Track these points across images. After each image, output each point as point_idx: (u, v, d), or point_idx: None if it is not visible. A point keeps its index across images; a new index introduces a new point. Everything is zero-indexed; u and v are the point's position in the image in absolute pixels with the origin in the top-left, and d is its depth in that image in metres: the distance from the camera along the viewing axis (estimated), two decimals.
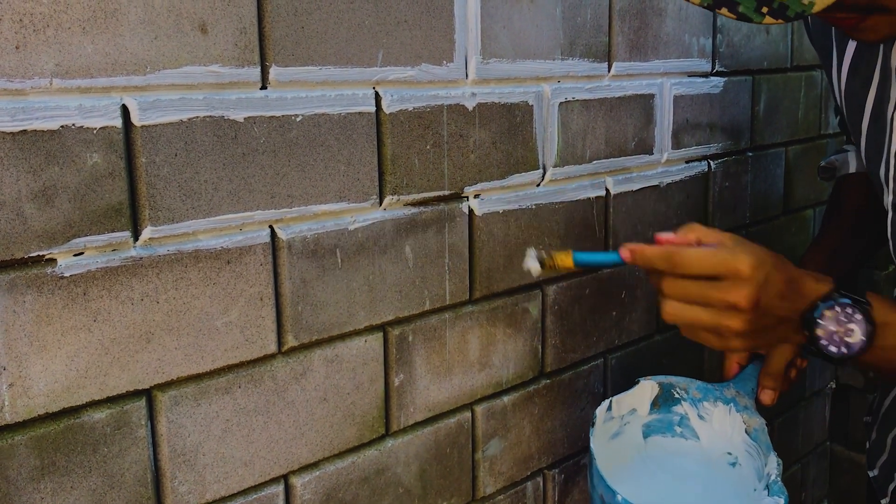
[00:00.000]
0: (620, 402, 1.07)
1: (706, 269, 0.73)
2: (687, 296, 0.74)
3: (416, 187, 0.90)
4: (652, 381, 1.09)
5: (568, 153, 1.07)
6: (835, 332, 0.78)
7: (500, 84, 0.98)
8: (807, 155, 1.59)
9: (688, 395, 1.11)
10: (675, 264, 0.74)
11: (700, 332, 0.76)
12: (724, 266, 0.72)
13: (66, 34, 0.64)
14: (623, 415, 1.08)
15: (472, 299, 0.99)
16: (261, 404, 0.80)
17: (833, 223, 1.16)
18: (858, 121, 0.96)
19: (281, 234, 0.79)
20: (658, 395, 1.10)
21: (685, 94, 1.25)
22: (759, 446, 1.03)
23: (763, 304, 0.74)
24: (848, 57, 0.97)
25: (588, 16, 1.07)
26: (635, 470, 1.06)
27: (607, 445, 1.04)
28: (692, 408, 1.11)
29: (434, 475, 0.98)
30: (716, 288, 0.73)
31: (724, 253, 0.73)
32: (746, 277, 0.72)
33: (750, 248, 0.74)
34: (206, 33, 0.72)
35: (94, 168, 0.66)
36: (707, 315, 0.74)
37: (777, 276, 0.75)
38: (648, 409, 1.10)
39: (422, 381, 0.94)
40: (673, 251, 0.74)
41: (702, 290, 0.74)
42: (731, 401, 1.09)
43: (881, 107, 0.92)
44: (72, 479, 0.68)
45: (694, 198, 1.31)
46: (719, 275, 0.73)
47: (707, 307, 0.74)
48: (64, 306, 0.66)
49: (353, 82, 0.83)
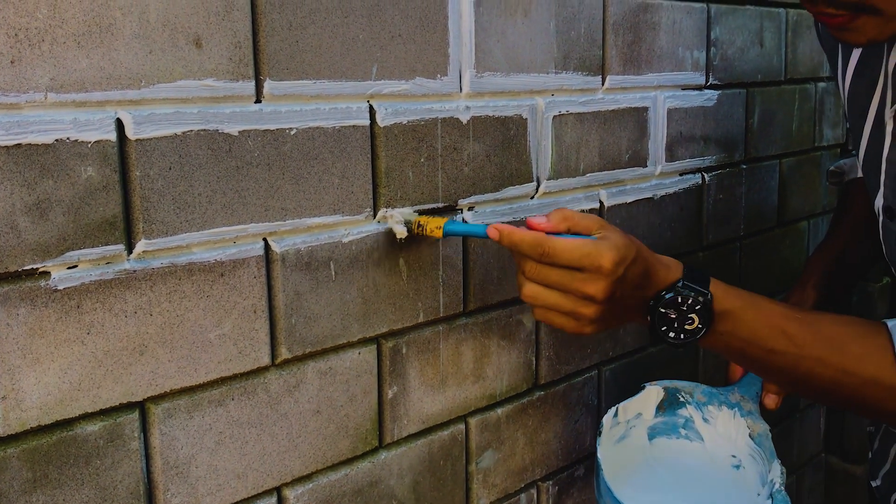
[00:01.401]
0: (627, 408, 1.09)
1: (571, 262, 0.77)
2: (548, 281, 0.79)
3: (410, 200, 0.90)
4: (657, 386, 1.11)
5: (562, 166, 1.08)
6: (675, 318, 0.82)
7: (494, 97, 0.98)
8: (801, 167, 1.60)
9: (693, 399, 1.12)
10: (542, 253, 0.78)
11: (555, 315, 0.80)
12: (588, 260, 0.76)
13: (62, 48, 0.64)
14: (629, 419, 1.09)
15: (466, 311, 0.99)
16: (254, 416, 0.80)
17: (841, 226, 1.17)
18: (861, 124, 0.97)
19: (275, 247, 0.80)
20: (663, 399, 1.12)
21: (679, 107, 1.26)
22: (763, 451, 1.04)
23: (617, 296, 0.78)
24: (853, 60, 0.97)
25: (582, 29, 1.08)
26: (640, 470, 1.07)
27: (613, 449, 1.06)
28: (697, 411, 1.12)
29: (427, 487, 0.98)
30: (576, 279, 0.77)
31: (589, 247, 0.77)
32: (606, 273, 0.76)
33: (614, 242, 0.78)
34: (200, 48, 0.72)
35: (88, 181, 0.66)
36: (564, 301, 0.79)
37: (634, 269, 0.79)
38: (654, 413, 1.11)
39: (415, 394, 0.95)
40: (542, 240, 0.78)
41: (563, 278, 0.78)
42: (735, 405, 1.10)
43: (883, 111, 0.93)
44: (64, 491, 0.68)
45: (688, 210, 1.31)
46: (582, 267, 0.77)
47: (565, 294, 0.78)
48: (57, 319, 0.66)
49: (347, 96, 0.84)
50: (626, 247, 0.78)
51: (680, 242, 1.31)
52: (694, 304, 0.81)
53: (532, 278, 0.79)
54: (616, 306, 0.80)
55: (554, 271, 0.78)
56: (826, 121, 1.64)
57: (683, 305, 0.81)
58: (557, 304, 0.79)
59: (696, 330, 0.82)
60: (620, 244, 0.78)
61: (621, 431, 1.09)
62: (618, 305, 0.80)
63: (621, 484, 0.94)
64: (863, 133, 0.97)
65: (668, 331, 0.82)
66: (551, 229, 0.79)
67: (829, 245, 1.14)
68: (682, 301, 0.81)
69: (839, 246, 1.13)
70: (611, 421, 1.06)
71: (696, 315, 0.82)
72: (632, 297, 0.81)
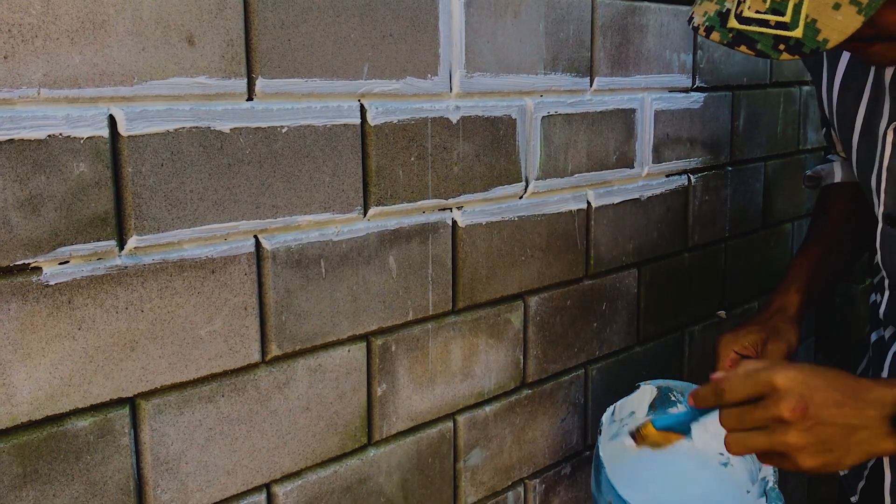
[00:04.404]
0: (622, 407, 1.10)
1: (747, 391, 0.75)
2: (741, 423, 0.76)
3: (400, 198, 0.91)
4: (651, 385, 1.13)
5: (550, 166, 1.09)
6: None
7: (483, 98, 0.99)
8: (785, 170, 1.61)
9: (683, 398, 1.13)
10: (720, 395, 0.77)
11: (766, 456, 0.78)
12: (761, 384, 0.75)
13: (55, 44, 0.64)
14: (623, 417, 1.11)
15: (455, 310, 1.00)
16: (244, 413, 0.80)
17: (819, 231, 1.19)
18: (850, 136, 0.99)
19: (265, 244, 0.80)
20: (656, 397, 1.13)
21: (666, 109, 1.27)
22: None
23: (813, 413, 0.74)
24: (839, 74, 0.99)
25: (571, 31, 1.09)
26: (630, 468, 1.09)
27: (606, 446, 1.07)
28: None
29: (416, 485, 0.98)
30: (761, 407, 0.75)
31: (759, 372, 0.75)
32: (785, 389, 0.74)
33: (787, 364, 0.76)
34: (193, 45, 0.72)
35: (80, 177, 0.67)
36: (763, 437, 0.76)
37: (822, 382, 0.75)
38: (646, 412, 1.13)
39: (404, 391, 0.95)
40: (717, 381, 0.77)
41: (751, 413, 0.76)
42: None
43: (872, 121, 0.94)
44: (54, 487, 0.68)
45: (674, 211, 1.33)
46: (760, 394, 0.75)
47: (761, 430, 0.75)
48: (49, 314, 0.66)
49: (338, 95, 0.84)
50: (804, 365, 0.76)
51: (666, 243, 1.32)
52: None
53: (729, 427, 0.77)
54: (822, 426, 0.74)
55: (742, 411, 0.76)
56: (810, 124, 1.66)
57: None
58: (757, 443, 0.76)
59: None
60: (795, 364, 0.76)
61: (615, 429, 1.11)
62: (824, 426, 0.74)
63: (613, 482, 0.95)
64: (852, 143, 0.99)
65: None
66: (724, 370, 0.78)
67: (810, 249, 1.15)
68: None
69: (821, 250, 1.15)
70: (609, 419, 1.08)
71: None
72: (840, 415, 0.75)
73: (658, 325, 1.33)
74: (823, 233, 1.18)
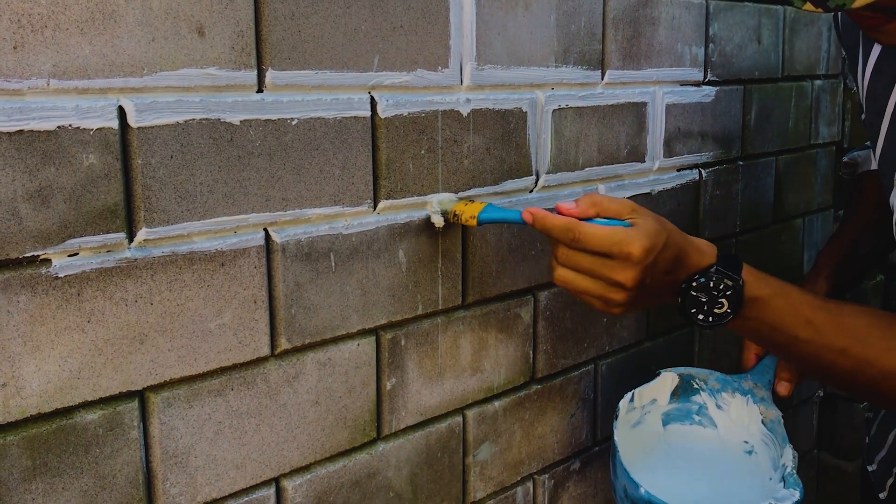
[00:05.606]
0: (642, 394, 1.10)
1: (600, 248, 0.78)
2: (579, 266, 0.80)
3: (410, 192, 0.90)
4: (672, 373, 1.12)
5: (561, 160, 1.08)
6: (705, 302, 0.83)
7: (494, 90, 0.98)
8: (797, 165, 1.60)
9: (707, 386, 1.13)
10: (573, 239, 0.79)
11: (585, 297, 0.82)
12: (618, 248, 0.77)
13: (64, 35, 0.64)
14: (644, 405, 1.11)
15: (465, 304, 0.99)
16: (253, 407, 0.80)
17: (854, 217, 1.18)
18: (878, 122, 0.98)
19: (275, 237, 0.79)
20: (678, 385, 1.13)
21: (677, 103, 1.26)
22: (775, 437, 1.06)
23: (647, 283, 0.79)
24: (873, 58, 0.98)
25: (582, 23, 1.08)
26: (654, 456, 1.09)
27: (628, 433, 1.07)
28: (710, 398, 1.13)
29: (425, 480, 0.98)
30: (606, 265, 0.78)
31: (619, 235, 0.78)
32: (636, 261, 0.77)
33: (645, 230, 0.78)
34: (203, 36, 0.72)
35: (90, 169, 0.66)
36: (594, 286, 0.80)
37: (665, 254, 0.80)
38: (668, 399, 1.13)
39: (413, 386, 0.95)
40: (573, 226, 0.79)
41: (593, 264, 0.79)
42: (748, 392, 1.11)
43: None
44: (63, 479, 0.68)
45: (685, 206, 1.32)
46: (612, 254, 0.78)
47: (595, 279, 0.80)
48: (58, 307, 0.66)
49: (348, 86, 0.83)
50: (657, 233, 0.79)
51: None
52: (725, 290, 0.82)
53: (563, 263, 0.81)
54: (646, 291, 0.81)
55: (584, 257, 0.79)
56: (822, 118, 1.65)
57: (715, 290, 0.82)
58: (587, 289, 0.80)
59: (725, 314, 0.83)
60: (651, 231, 0.78)
61: (637, 416, 1.10)
62: (648, 290, 0.81)
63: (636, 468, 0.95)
64: (880, 130, 0.98)
65: (696, 313, 0.84)
66: (580, 215, 0.80)
67: (840, 237, 1.15)
68: (713, 286, 0.82)
69: (851, 238, 1.14)
70: (626, 405, 1.07)
71: (725, 300, 0.83)
72: (662, 281, 0.82)
73: (668, 320, 1.32)
74: (854, 221, 1.17)
